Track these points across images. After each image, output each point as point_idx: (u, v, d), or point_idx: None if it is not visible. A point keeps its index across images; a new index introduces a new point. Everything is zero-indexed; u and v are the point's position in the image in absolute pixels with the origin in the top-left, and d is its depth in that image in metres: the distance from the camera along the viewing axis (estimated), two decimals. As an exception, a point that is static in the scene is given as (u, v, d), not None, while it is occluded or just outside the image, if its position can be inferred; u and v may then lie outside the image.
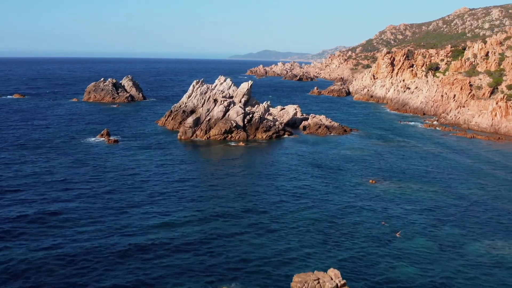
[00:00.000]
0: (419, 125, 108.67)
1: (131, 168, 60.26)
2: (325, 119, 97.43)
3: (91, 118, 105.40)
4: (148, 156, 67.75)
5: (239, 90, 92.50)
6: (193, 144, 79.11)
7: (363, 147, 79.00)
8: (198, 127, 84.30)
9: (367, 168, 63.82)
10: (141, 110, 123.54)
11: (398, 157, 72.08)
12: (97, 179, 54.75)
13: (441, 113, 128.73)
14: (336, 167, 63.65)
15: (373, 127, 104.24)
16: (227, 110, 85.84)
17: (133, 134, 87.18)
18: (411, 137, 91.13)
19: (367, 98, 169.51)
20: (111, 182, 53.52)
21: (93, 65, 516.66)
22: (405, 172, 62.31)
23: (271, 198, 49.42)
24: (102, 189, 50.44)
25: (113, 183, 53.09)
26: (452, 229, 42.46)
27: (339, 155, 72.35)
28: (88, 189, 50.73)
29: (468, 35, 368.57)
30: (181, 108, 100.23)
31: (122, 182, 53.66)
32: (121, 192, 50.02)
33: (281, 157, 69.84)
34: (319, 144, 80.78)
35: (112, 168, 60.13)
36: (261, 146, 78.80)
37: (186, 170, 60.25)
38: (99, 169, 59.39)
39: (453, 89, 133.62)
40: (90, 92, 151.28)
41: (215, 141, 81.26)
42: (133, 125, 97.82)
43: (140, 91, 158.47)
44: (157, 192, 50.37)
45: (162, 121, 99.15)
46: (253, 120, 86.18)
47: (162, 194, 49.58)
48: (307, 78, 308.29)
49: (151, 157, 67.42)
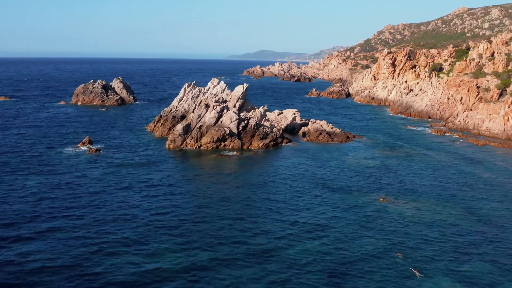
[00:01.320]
0: (426, 131, 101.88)
1: (108, 188, 53.16)
2: (326, 125, 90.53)
3: (75, 124, 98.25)
4: (131, 170, 60.66)
5: (233, 94, 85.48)
6: (182, 154, 72.08)
7: (368, 157, 72.11)
8: (188, 135, 77.25)
9: (375, 183, 56.92)
10: (130, 114, 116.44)
11: (408, 169, 65.19)
12: (68, 206, 47.56)
13: (447, 116, 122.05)
14: (342, 183, 56.67)
15: (377, 133, 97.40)
16: (220, 116, 78.83)
17: (118, 142, 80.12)
18: (420, 145, 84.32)
19: (368, 100, 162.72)
20: (84, 211, 46.22)
21: (90, 65, 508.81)
22: (418, 188, 55.42)
23: (269, 225, 42.49)
24: (70, 223, 42.76)
25: (86, 214, 45.62)
26: (482, 265, 35.61)
27: (344, 167, 65.41)
28: (53, 222, 43.62)
29: (467, 34, 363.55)
30: (171, 113, 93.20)
31: (94, 214, 46.58)
32: (91, 226, 42.96)
33: (279, 170, 62.87)
34: (320, 154, 73.81)
35: (88, 187, 52.99)
36: (257, 156, 71.83)
37: (171, 190, 53.21)
38: (71, 190, 52.14)
39: (460, 91, 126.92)
40: (79, 95, 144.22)
41: (206, 150, 74.25)
42: (120, 131, 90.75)
43: (131, 93, 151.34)
44: (137, 226, 43.33)
45: (151, 127, 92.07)
46: (249, 127, 79.21)
47: (147, 225, 42.48)
48: (305, 78, 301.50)
49: (134, 171, 60.33)
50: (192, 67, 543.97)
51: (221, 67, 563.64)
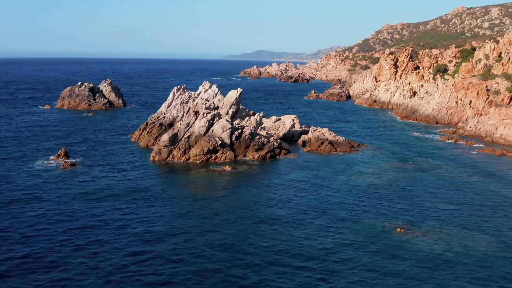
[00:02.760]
0: (436, 138, 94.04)
1: (74, 216, 45.16)
2: (328, 133, 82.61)
3: (54, 131, 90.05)
4: (106, 192, 52.65)
5: (226, 100, 77.42)
6: (168, 169, 64.00)
7: (377, 172, 64.16)
8: (176, 146, 69.17)
9: (388, 206, 49.00)
10: (117, 120, 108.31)
11: (423, 187, 57.28)
12: (23, 241, 39.56)
13: (456, 122, 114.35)
14: (349, 207, 48.66)
15: (383, 141, 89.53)
16: (211, 124, 70.78)
17: (98, 153, 72.04)
18: (432, 155, 76.49)
19: (370, 103, 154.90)
20: (44, 251, 38.33)
21: (86, 66, 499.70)
22: (440, 213, 47.49)
23: (264, 264, 34.57)
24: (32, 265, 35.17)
25: (48, 253, 37.84)
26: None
27: (350, 185, 57.43)
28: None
29: (467, 34, 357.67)
30: (159, 120, 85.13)
31: (57, 248, 38.61)
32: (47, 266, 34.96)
33: (276, 190, 54.85)
34: (323, 168, 65.78)
35: (52, 216, 44.97)
36: (252, 170, 63.78)
37: (148, 229, 45.23)
38: (34, 220, 44.17)
39: (469, 94, 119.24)
40: (64, 98, 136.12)
41: (195, 164, 66.22)
42: (101, 140, 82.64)
43: (121, 96, 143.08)
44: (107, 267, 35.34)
45: (136, 136, 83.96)
46: (243, 137, 71.20)
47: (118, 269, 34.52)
48: (303, 79, 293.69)
49: (109, 193, 52.30)
50: (188, 67, 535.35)
51: (218, 67, 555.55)
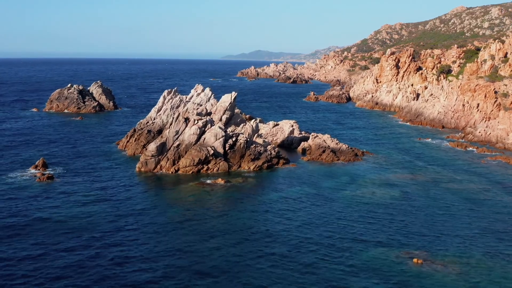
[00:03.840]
0: (444, 144, 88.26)
1: (44, 239, 39.29)
2: (330, 140, 76.81)
3: (38, 138, 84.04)
4: (84, 210, 46.77)
5: (220, 105, 71.53)
6: (155, 182, 58.10)
7: (384, 185, 58.32)
8: (164, 156, 63.23)
9: (401, 230, 43.15)
10: (106, 125, 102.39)
11: (438, 204, 51.42)
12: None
13: (463, 126, 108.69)
14: (356, 230, 42.81)
15: (388, 148, 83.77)
16: (203, 132, 64.88)
17: (80, 163, 66.10)
18: (442, 164, 70.71)
19: (372, 105, 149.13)
20: None
21: (81, 66, 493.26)
22: (460, 237, 41.56)
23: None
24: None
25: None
26: None
27: (356, 201, 51.60)
28: None
29: (467, 34, 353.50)
30: (147, 126, 79.24)
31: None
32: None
33: (273, 209, 48.86)
34: (325, 181, 59.88)
35: (19, 244, 39.11)
36: (247, 184, 57.87)
37: (131, 250, 39.38)
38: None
39: (476, 97, 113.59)
40: (53, 101, 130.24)
41: (185, 176, 60.33)
42: (86, 148, 76.71)
43: (112, 99, 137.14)
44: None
45: (123, 143, 78.00)
46: (237, 145, 65.33)
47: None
48: (301, 80, 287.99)
49: (87, 211, 46.43)
50: (186, 68, 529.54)
51: (216, 67, 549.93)
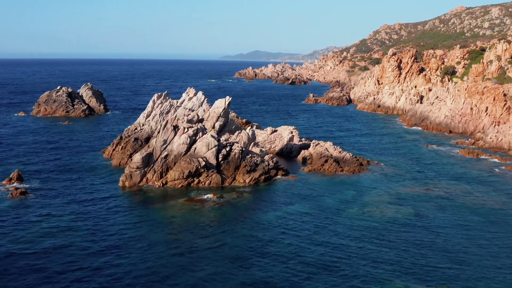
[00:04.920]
0: (454, 152, 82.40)
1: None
2: (332, 148, 70.96)
3: (19, 146, 77.97)
4: (55, 242, 40.82)
5: (212, 111, 65.56)
6: (140, 198, 52.09)
7: (395, 201, 52.43)
8: (150, 168, 57.27)
9: (418, 260, 37.27)
10: (93, 130, 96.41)
11: (456, 224, 45.59)
12: None
13: (472, 130, 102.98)
14: (366, 261, 36.85)
15: (394, 155, 77.95)
16: (193, 141, 58.95)
17: (60, 175, 60.13)
18: (455, 175, 64.86)
19: (374, 108, 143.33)
20: None
21: (78, 67, 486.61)
22: (488, 269, 35.84)
23: None
24: None
25: None
26: None
27: (364, 221, 45.71)
28: None
29: (467, 34, 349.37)
30: (135, 132, 73.28)
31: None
32: None
33: (270, 233, 43.02)
34: (328, 196, 54.00)
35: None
36: (242, 200, 51.94)
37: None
38: None
39: (484, 100, 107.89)
40: (41, 104, 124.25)
41: (174, 190, 54.39)
42: (68, 157, 70.69)
43: (102, 102, 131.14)
44: None
45: (109, 151, 72.03)
46: (232, 156, 59.41)
47: None
48: (300, 81, 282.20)
49: (58, 243, 40.48)
50: (183, 68, 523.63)
51: (213, 68, 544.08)
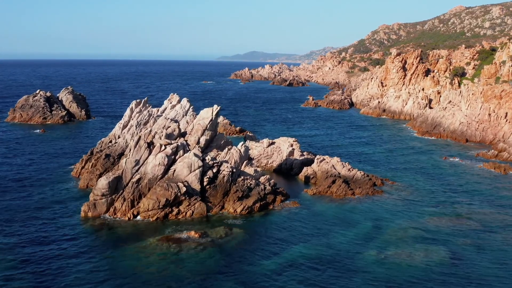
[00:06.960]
0: (477, 166, 71.96)
1: None
2: (339, 165, 60.38)
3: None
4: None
5: (197, 123, 54.78)
6: (104, 237, 41.25)
7: (421, 238, 41.84)
8: (119, 195, 46.56)
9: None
10: (69, 140, 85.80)
11: (504, 272, 35.28)
12: None
13: (491, 139, 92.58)
14: None
15: (410, 172, 67.42)
16: (172, 161, 48.32)
17: (13, 201, 49.44)
18: (485, 197, 54.39)
19: (379, 112, 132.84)
20: None
21: (74, 68, 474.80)
22: None
23: None
24: None
25: None
26: None
27: (386, 269, 35.12)
28: None
29: (467, 34, 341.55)
30: (109, 147, 62.51)
31: None
32: None
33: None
34: (339, 230, 43.37)
35: None
36: (231, 239, 41.16)
37: None
38: None
39: (503, 104, 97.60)
40: (16, 110, 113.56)
41: (147, 224, 43.75)
42: (30, 175, 59.92)
43: (84, 107, 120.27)
44: None
45: (77, 169, 61.22)
46: (220, 179, 48.78)
47: None
48: (298, 83, 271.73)
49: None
50: (180, 69, 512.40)
51: (210, 69, 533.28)
